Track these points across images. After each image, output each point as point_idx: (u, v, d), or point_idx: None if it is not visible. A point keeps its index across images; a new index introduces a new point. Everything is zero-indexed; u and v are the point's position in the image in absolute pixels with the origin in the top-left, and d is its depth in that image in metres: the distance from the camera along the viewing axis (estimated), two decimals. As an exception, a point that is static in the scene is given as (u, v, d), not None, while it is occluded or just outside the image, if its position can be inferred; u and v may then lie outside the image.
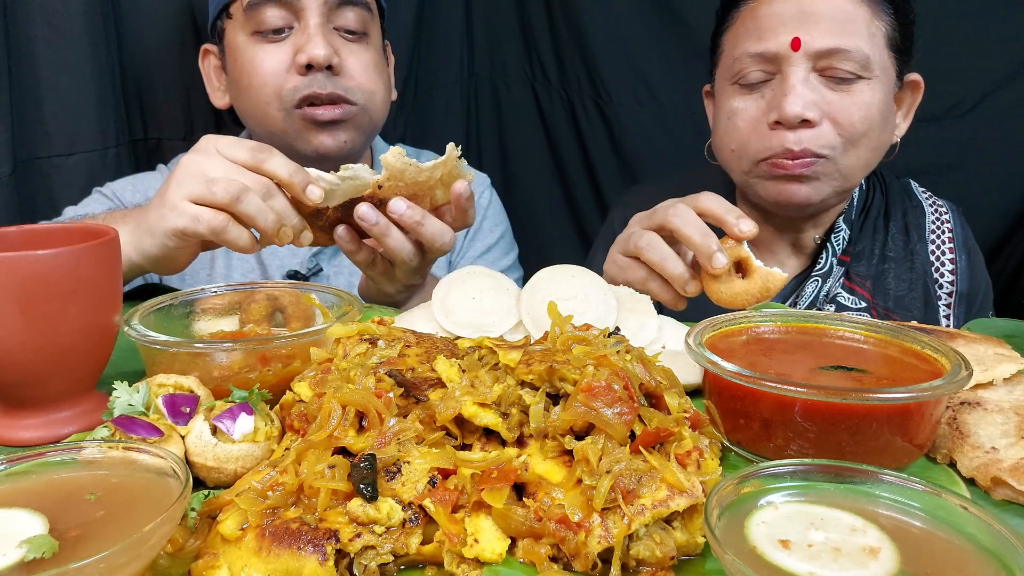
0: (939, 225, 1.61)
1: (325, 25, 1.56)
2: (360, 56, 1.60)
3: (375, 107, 1.64)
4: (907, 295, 1.53)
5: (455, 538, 0.63)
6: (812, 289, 1.53)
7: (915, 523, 0.61)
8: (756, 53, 1.39)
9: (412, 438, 0.70)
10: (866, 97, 1.36)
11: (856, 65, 1.34)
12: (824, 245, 1.55)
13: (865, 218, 1.59)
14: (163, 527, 0.54)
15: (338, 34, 1.59)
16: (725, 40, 1.51)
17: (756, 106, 1.42)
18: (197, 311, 1.07)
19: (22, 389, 0.85)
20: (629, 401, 0.68)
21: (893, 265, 1.55)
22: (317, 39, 1.52)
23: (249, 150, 1.13)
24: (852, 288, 1.53)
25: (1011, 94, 1.95)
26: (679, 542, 0.64)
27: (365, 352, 0.80)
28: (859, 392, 0.75)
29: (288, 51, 1.55)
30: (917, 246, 1.58)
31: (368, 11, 1.61)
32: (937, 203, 1.65)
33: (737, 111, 1.45)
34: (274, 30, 1.55)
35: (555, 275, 1.10)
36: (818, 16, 1.34)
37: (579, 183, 2.44)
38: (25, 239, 0.92)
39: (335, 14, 1.57)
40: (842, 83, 1.36)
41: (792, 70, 1.35)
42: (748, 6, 1.44)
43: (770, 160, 1.40)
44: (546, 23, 2.35)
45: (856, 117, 1.36)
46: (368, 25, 1.62)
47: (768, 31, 1.37)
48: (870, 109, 1.37)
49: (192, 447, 0.73)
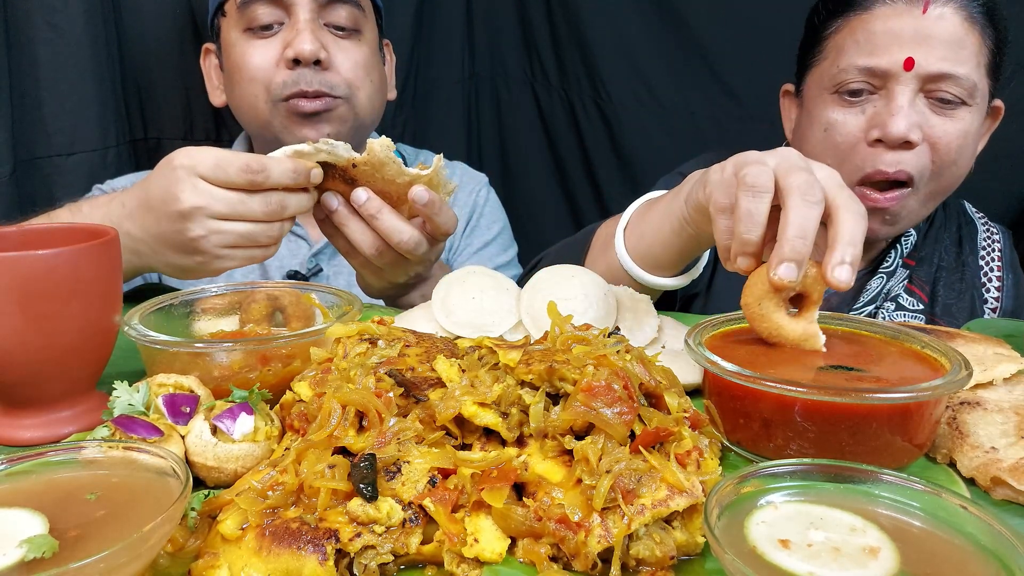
0: (990, 243, 1.63)
1: (315, 21, 1.58)
2: (349, 52, 1.62)
3: (360, 103, 1.65)
4: (955, 304, 1.55)
5: (455, 538, 0.63)
6: (877, 285, 1.54)
7: (915, 523, 0.61)
8: (866, 67, 1.36)
9: (412, 438, 0.70)
10: (966, 124, 1.36)
11: (963, 91, 1.34)
12: (894, 245, 1.56)
13: (930, 227, 1.61)
14: (163, 527, 0.54)
15: (328, 30, 1.60)
16: (827, 47, 1.46)
17: (856, 122, 1.39)
18: (197, 311, 1.07)
19: (22, 389, 0.85)
20: (629, 401, 0.68)
21: (944, 274, 1.57)
22: (305, 34, 1.54)
23: (241, 172, 1.09)
24: (912, 290, 1.54)
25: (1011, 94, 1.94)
26: (679, 542, 0.64)
27: (365, 352, 0.80)
28: (859, 392, 0.75)
29: (278, 46, 1.58)
30: (968, 259, 1.60)
31: (359, 8, 1.63)
32: (990, 224, 1.67)
33: (835, 124, 1.42)
34: (265, 26, 1.58)
35: (555, 275, 1.10)
36: (933, 39, 1.32)
37: (579, 183, 2.44)
38: (25, 239, 0.92)
39: (326, 11, 1.59)
40: (946, 106, 1.35)
41: (900, 89, 1.34)
42: (859, 16, 1.40)
43: (861, 186, 1.40)
44: (546, 23, 2.36)
45: (954, 144, 1.36)
46: (360, 22, 1.64)
47: (881, 47, 1.35)
48: (967, 137, 1.37)
49: (192, 447, 0.73)
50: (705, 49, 2.19)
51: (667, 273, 1.24)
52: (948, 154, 1.37)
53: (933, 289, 1.56)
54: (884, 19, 1.36)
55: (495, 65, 2.47)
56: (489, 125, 2.53)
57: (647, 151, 2.30)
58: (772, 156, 0.94)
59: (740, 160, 0.96)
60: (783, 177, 0.90)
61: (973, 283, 1.58)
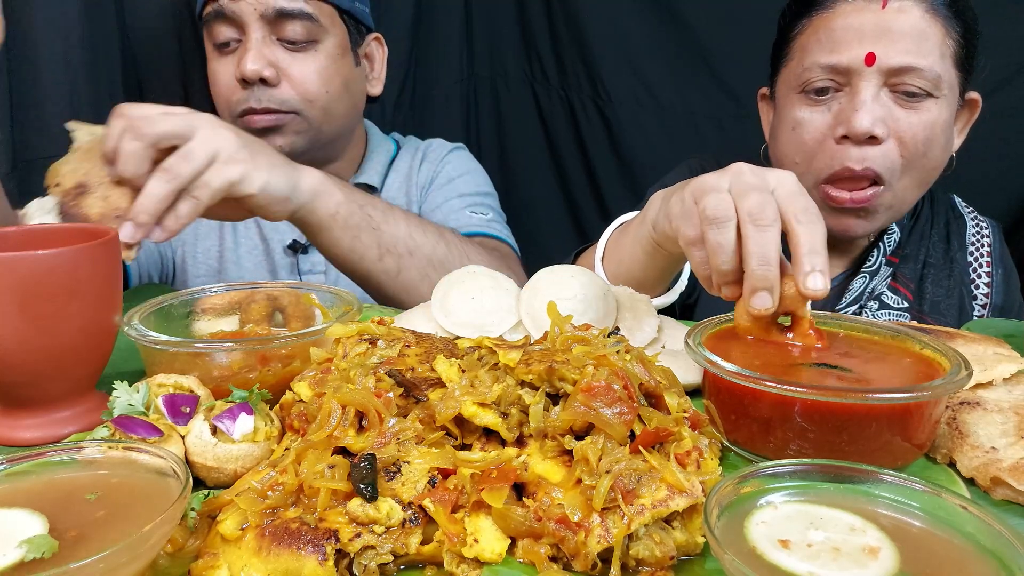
0: (979, 238, 1.62)
1: (266, 39, 1.60)
2: (303, 65, 1.63)
3: (314, 115, 1.65)
4: (944, 301, 1.53)
5: (455, 538, 0.63)
6: (859, 284, 1.53)
7: (915, 523, 0.61)
8: (828, 64, 1.37)
9: (412, 438, 0.70)
10: (932, 116, 1.35)
11: (927, 83, 1.33)
12: (876, 244, 1.55)
13: (915, 223, 1.60)
14: (163, 527, 0.54)
15: (281, 44, 1.62)
16: (793, 48, 1.47)
17: (823, 119, 1.40)
18: (197, 311, 1.07)
19: (22, 389, 0.85)
20: (629, 401, 0.68)
21: (932, 271, 1.55)
22: (251, 54, 1.57)
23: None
24: (896, 288, 1.53)
25: (1011, 94, 1.95)
26: (679, 542, 0.64)
27: (365, 352, 0.80)
28: (859, 392, 0.75)
29: (235, 63, 1.62)
30: (957, 255, 1.58)
31: (312, 20, 1.62)
32: (979, 218, 1.66)
33: (802, 122, 1.42)
34: (224, 43, 1.62)
35: (555, 275, 1.10)
36: (894, 33, 1.32)
37: (579, 183, 2.44)
38: (25, 239, 0.92)
39: (278, 25, 1.60)
40: (911, 99, 1.34)
41: (864, 84, 1.34)
42: (821, 16, 1.41)
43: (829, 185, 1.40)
44: (546, 23, 2.36)
45: (921, 136, 1.35)
46: (315, 33, 1.63)
47: (843, 44, 1.35)
48: (934, 129, 1.36)
49: (192, 447, 0.73)
50: (705, 49, 2.19)
51: (654, 293, 1.25)
52: (916, 147, 1.36)
53: (920, 286, 1.54)
54: (845, 16, 1.36)
55: (494, 65, 2.48)
56: (488, 125, 2.54)
57: (647, 151, 2.31)
58: (725, 177, 0.95)
59: (697, 189, 0.97)
60: (738, 201, 0.90)
61: (962, 279, 1.57)
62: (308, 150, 1.69)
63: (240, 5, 1.57)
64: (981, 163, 1.90)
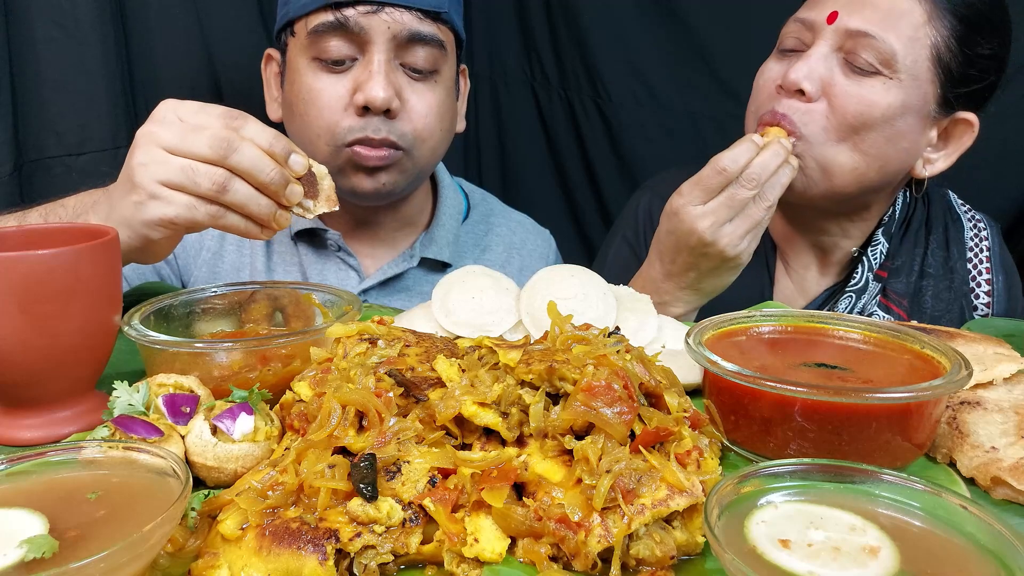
0: (977, 242, 1.54)
1: (391, 62, 1.41)
2: (424, 97, 1.45)
3: (422, 155, 1.49)
4: (944, 315, 1.46)
5: (455, 538, 0.63)
6: (845, 305, 1.47)
7: (915, 522, 0.61)
8: (798, 18, 1.39)
9: (412, 438, 0.70)
10: (874, 94, 1.29)
11: (877, 56, 1.28)
12: (860, 259, 1.48)
13: (906, 231, 1.52)
14: (163, 527, 0.54)
15: (404, 71, 1.43)
16: None
17: (779, 68, 1.39)
18: (197, 311, 1.07)
19: (22, 389, 0.85)
20: (629, 401, 0.68)
21: (932, 282, 1.48)
22: (379, 79, 1.37)
23: (219, 116, 1.02)
24: (888, 307, 1.47)
25: (1011, 94, 1.94)
26: (679, 541, 0.64)
27: (365, 352, 0.80)
28: (859, 392, 0.75)
29: (348, 85, 1.41)
30: (957, 264, 1.51)
31: (441, 48, 1.45)
32: (976, 217, 1.58)
33: (762, 71, 1.44)
34: (338, 60, 1.41)
35: (554, 275, 1.10)
36: (869, 2, 1.31)
37: (579, 183, 2.44)
38: (25, 239, 0.93)
39: (404, 50, 1.41)
40: (857, 72, 1.31)
41: (819, 41, 1.33)
42: None
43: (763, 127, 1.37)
44: (546, 23, 2.36)
45: (852, 108, 1.30)
46: (439, 62, 1.46)
47: (819, 2, 1.36)
48: (871, 108, 1.29)
49: (192, 447, 0.73)
50: (705, 49, 2.19)
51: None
52: (843, 117, 1.30)
53: (916, 300, 1.47)
54: None
55: (494, 65, 2.47)
56: (488, 125, 2.53)
57: (646, 151, 2.30)
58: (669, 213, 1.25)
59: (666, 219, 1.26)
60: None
61: (962, 290, 1.50)
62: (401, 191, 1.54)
63: (371, 20, 1.37)
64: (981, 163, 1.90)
